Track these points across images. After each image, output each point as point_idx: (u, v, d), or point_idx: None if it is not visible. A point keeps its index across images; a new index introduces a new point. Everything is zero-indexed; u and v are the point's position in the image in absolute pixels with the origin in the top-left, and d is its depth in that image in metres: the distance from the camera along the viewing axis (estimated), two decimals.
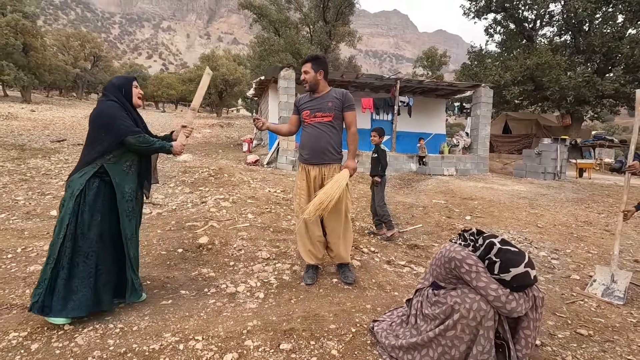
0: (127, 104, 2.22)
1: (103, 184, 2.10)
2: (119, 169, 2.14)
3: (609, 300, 2.72)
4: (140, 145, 2.15)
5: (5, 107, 22.46)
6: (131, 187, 2.20)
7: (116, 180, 2.12)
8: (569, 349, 2.07)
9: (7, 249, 3.17)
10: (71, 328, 2.01)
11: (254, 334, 2.03)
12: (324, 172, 2.76)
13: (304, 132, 2.83)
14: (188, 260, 3.11)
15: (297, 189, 2.84)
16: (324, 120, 2.72)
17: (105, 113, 2.12)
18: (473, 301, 1.63)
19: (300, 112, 2.81)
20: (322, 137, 2.72)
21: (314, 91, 2.76)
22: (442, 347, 1.68)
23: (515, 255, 1.63)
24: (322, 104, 2.71)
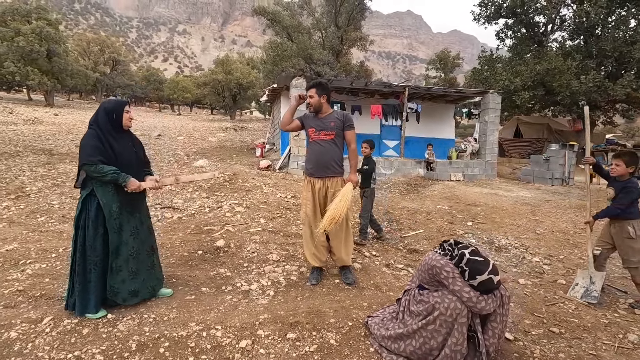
0: (110, 130, 2.45)
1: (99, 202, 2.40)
2: (105, 190, 2.40)
3: (585, 301, 2.98)
4: (92, 174, 2.33)
5: (30, 112, 23.55)
6: (117, 205, 2.44)
7: (103, 200, 2.38)
8: (539, 344, 2.36)
9: (51, 249, 3.62)
10: (113, 317, 2.41)
11: (265, 325, 2.39)
12: (327, 185, 3.10)
13: (309, 148, 3.18)
14: (207, 261, 3.50)
15: (303, 199, 3.17)
16: (327, 138, 3.06)
17: (81, 142, 2.40)
18: (450, 301, 1.95)
19: (306, 128, 3.15)
20: (326, 153, 3.06)
21: (317, 112, 3.10)
22: (423, 338, 2.00)
23: (480, 265, 1.93)
24: (326, 123, 3.06)
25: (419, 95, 12.11)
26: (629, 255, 3.01)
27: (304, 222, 3.18)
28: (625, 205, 2.98)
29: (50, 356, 2.00)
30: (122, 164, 2.45)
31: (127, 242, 2.51)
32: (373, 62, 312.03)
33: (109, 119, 2.47)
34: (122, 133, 2.55)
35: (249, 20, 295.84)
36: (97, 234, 2.40)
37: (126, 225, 2.51)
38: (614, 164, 3.11)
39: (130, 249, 2.53)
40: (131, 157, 2.57)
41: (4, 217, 4.61)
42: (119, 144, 2.49)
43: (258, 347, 2.15)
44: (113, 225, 2.43)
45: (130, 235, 2.53)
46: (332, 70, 21.96)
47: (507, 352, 2.24)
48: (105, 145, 2.41)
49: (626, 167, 3.04)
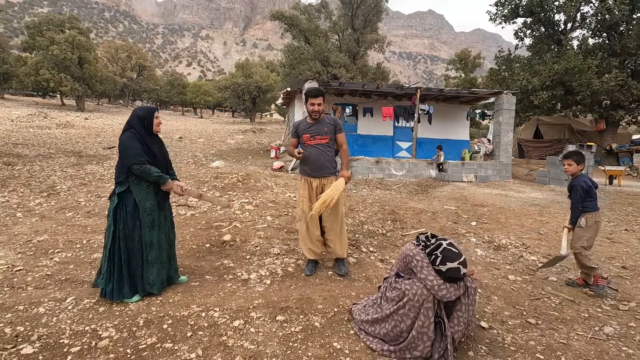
0: (144, 134, 2.70)
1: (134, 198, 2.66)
2: (140, 188, 2.66)
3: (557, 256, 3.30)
4: (140, 173, 2.61)
5: (63, 116, 24.94)
6: (151, 203, 2.71)
7: (138, 198, 2.64)
8: (513, 332, 2.50)
9: (75, 241, 4.02)
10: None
11: (258, 308, 2.65)
12: (323, 183, 3.36)
13: (305, 152, 3.36)
14: (213, 253, 3.79)
15: (300, 197, 3.43)
16: (322, 142, 3.32)
17: (122, 143, 2.63)
18: (418, 288, 2.14)
19: (300, 134, 3.38)
20: (322, 156, 3.33)
21: (316, 119, 3.35)
22: (394, 321, 2.20)
23: (453, 254, 2.11)
24: (320, 129, 3.32)
25: (432, 96, 12.13)
26: (575, 242, 3.28)
27: (300, 218, 3.41)
28: (577, 201, 3.20)
29: (71, 328, 2.33)
30: (156, 165, 2.73)
31: (158, 236, 2.79)
32: (394, 62, 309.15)
33: (142, 125, 2.72)
34: (153, 137, 2.81)
35: (270, 24, 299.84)
36: (135, 226, 2.67)
37: (157, 221, 2.78)
38: (566, 164, 3.32)
39: (161, 242, 2.81)
40: (162, 159, 2.85)
41: (37, 212, 5.09)
42: (152, 147, 2.76)
43: (249, 327, 2.41)
44: (146, 220, 2.69)
45: (160, 230, 2.81)
46: (349, 73, 22.15)
47: (479, 338, 2.40)
48: (144, 147, 2.68)
49: (577, 166, 3.26)
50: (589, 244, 3.27)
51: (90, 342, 2.18)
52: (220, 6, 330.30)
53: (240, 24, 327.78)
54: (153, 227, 2.75)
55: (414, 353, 2.11)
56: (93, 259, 3.54)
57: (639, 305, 3.04)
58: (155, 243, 2.76)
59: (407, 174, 10.35)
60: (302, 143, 3.37)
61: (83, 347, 2.13)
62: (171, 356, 2.08)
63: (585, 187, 3.18)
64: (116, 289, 2.64)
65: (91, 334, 2.26)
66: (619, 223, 6.01)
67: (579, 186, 3.18)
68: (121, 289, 2.66)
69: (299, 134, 3.39)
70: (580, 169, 3.27)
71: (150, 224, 2.73)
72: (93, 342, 2.18)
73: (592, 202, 3.22)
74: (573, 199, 3.24)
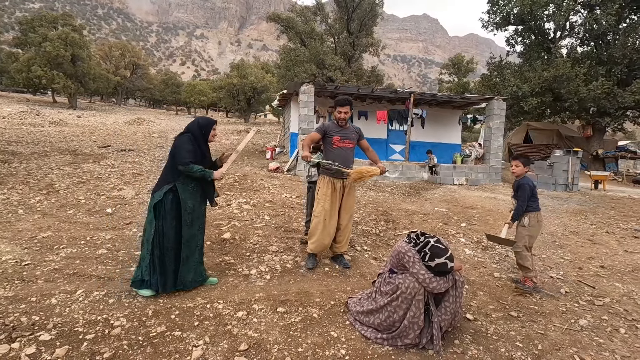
0: (200, 140, 2.90)
1: (176, 198, 2.80)
2: (185, 188, 2.82)
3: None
4: (186, 172, 2.77)
5: (56, 114, 24.77)
6: (194, 202, 2.86)
7: (182, 197, 2.80)
8: (496, 324, 2.71)
9: (79, 237, 4.14)
10: (133, 290, 2.87)
11: (259, 301, 2.82)
12: (345, 184, 3.61)
13: (330, 153, 3.57)
14: (214, 250, 3.95)
15: (321, 195, 3.54)
16: (349, 146, 3.64)
17: (176, 145, 2.83)
18: (410, 282, 2.33)
19: (330, 136, 3.57)
20: (349, 158, 3.63)
21: (342, 126, 3.60)
22: (387, 312, 2.39)
23: (440, 250, 2.31)
24: (349, 134, 3.62)
25: (425, 101, 12.41)
26: (518, 240, 3.46)
27: (319, 214, 3.51)
28: (523, 200, 3.38)
29: (84, 318, 2.47)
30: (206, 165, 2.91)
31: (195, 235, 2.92)
32: (388, 65, 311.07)
33: (200, 132, 2.91)
34: (206, 146, 2.99)
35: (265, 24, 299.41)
36: (173, 224, 2.79)
37: (196, 221, 2.93)
38: (513, 165, 3.52)
39: (197, 241, 2.95)
40: (210, 161, 3.03)
41: (38, 209, 5.18)
42: (205, 151, 2.96)
43: (252, 317, 2.58)
44: (187, 219, 2.82)
45: (198, 229, 2.96)
46: (344, 76, 22.40)
47: (464, 328, 2.60)
48: (197, 150, 2.86)
49: (524, 167, 3.48)
50: (530, 243, 3.49)
51: (104, 330, 2.33)
52: (215, 5, 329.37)
53: (235, 24, 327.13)
54: (193, 226, 2.89)
55: (405, 340, 2.30)
56: (98, 254, 3.67)
57: (612, 301, 3.28)
58: (193, 241, 2.90)
59: (400, 177, 10.58)
60: (331, 144, 3.56)
61: (97, 335, 2.28)
62: (180, 343, 2.24)
63: (531, 187, 3.40)
64: (161, 282, 2.75)
65: (104, 323, 2.41)
66: (601, 226, 6.29)
67: (527, 185, 3.39)
68: (164, 283, 2.76)
69: (326, 134, 3.57)
70: (526, 170, 3.49)
71: (190, 222, 2.86)
72: (106, 330, 2.33)
73: (535, 202, 3.45)
74: (520, 197, 3.40)
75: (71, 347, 2.15)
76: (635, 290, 3.58)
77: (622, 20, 13.42)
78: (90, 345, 2.18)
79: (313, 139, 3.60)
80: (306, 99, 10.10)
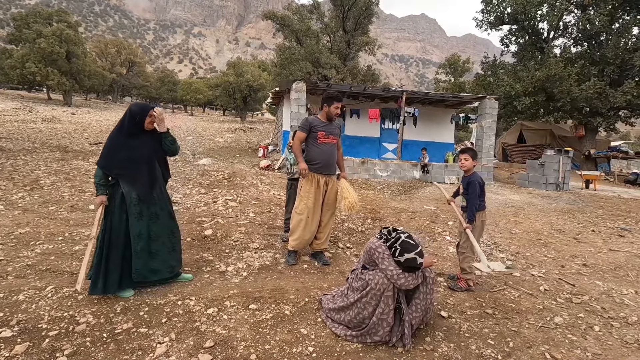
0: (132, 129, 2.72)
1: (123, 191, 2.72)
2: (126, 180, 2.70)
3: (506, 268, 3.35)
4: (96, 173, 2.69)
5: (49, 111, 24.58)
6: (137, 193, 2.70)
7: (125, 189, 2.68)
8: (470, 321, 2.68)
9: (58, 234, 4.08)
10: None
11: (232, 298, 2.78)
12: (329, 181, 3.59)
13: (315, 148, 3.49)
14: (194, 247, 3.91)
15: (304, 192, 3.46)
16: (333, 142, 3.58)
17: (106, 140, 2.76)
18: (380, 278, 2.30)
19: (315, 131, 3.48)
20: (333, 154, 3.58)
21: (331, 120, 3.57)
22: (357, 308, 2.36)
23: (410, 246, 2.28)
24: (333, 129, 3.57)
25: (418, 99, 12.39)
26: (463, 241, 3.31)
27: (302, 212, 3.45)
28: (474, 198, 3.20)
29: (49, 314, 2.43)
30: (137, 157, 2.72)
31: (148, 226, 2.76)
32: (386, 65, 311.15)
33: (133, 121, 2.72)
34: (144, 133, 2.78)
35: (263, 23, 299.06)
36: (122, 219, 2.67)
37: (146, 211, 2.76)
38: (462, 159, 3.32)
39: (151, 233, 2.79)
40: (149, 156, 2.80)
41: (19, 205, 5.12)
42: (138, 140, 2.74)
43: (222, 314, 2.54)
44: (133, 211, 2.70)
45: (150, 219, 2.78)
46: (339, 74, 22.35)
47: (437, 325, 2.57)
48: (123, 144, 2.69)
49: (472, 161, 3.31)
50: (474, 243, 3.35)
51: (68, 327, 2.28)
52: (213, 3, 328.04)
53: (233, 22, 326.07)
54: (141, 217, 2.74)
55: (374, 338, 2.27)
56: (74, 250, 3.62)
57: (591, 299, 3.27)
58: (145, 233, 2.75)
59: (391, 175, 10.56)
60: (316, 139, 3.49)
61: (61, 331, 2.24)
62: (145, 339, 2.20)
63: (480, 184, 3.27)
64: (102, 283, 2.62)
65: (69, 320, 2.37)
66: (588, 224, 6.30)
67: (477, 182, 3.23)
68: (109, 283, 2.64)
69: (311, 130, 3.49)
70: (474, 164, 3.33)
71: (138, 214, 2.72)
72: (71, 326, 2.29)
73: (481, 202, 3.30)
74: (471, 196, 3.21)
75: (32, 343, 2.10)
76: (615, 288, 3.57)
77: (615, 21, 13.45)
78: (52, 342, 2.13)
79: (302, 140, 3.52)
80: (298, 96, 10.06)
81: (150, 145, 2.85)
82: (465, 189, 3.32)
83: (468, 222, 3.22)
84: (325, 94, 3.59)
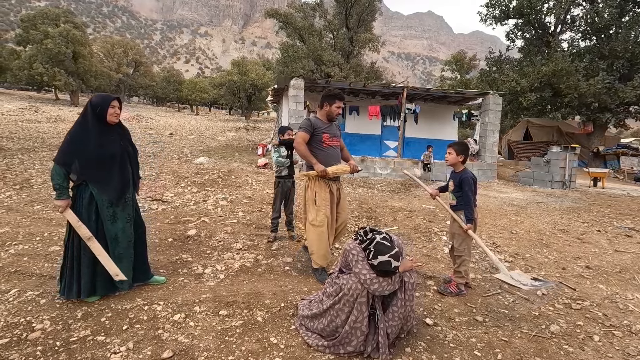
0: (94, 122, 2.51)
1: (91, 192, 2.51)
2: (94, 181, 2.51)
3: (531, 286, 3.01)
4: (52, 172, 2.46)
5: (55, 111, 24.76)
6: (109, 198, 2.54)
7: (95, 191, 2.51)
8: (458, 329, 2.48)
9: (37, 233, 3.97)
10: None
11: (204, 302, 2.61)
12: (338, 187, 3.33)
13: (321, 152, 3.19)
14: (174, 247, 3.76)
15: (321, 201, 3.12)
16: (337, 144, 3.35)
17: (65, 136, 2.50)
18: (353, 283, 2.11)
19: (319, 134, 3.20)
20: (339, 158, 3.34)
21: (332, 120, 3.33)
22: (330, 316, 2.18)
23: (385, 248, 2.09)
24: (335, 131, 3.33)
25: (420, 96, 12.13)
26: (459, 244, 3.09)
27: (322, 223, 3.10)
28: (471, 194, 3.00)
29: (6, 320, 2.29)
30: (103, 156, 2.54)
31: (124, 229, 2.62)
32: (392, 63, 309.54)
33: (94, 113, 2.53)
34: (108, 127, 2.59)
35: (269, 21, 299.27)
36: (90, 220, 2.50)
37: (121, 213, 2.61)
38: (447, 152, 3.13)
39: (128, 235, 2.65)
40: (115, 151, 2.61)
41: (5, 204, 5.03)
42: (103, 137, 2.54)
43: (189, 320, 2.38)
44: (107, 214, 2.53)
45: (126, 222, 2.64)
46: (342, 72, 22.10)
47: (421, 334, 2.38)
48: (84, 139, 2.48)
49: (457, 156, 3.08)
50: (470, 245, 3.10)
51: (22, 334, 2.14)
52: (219, 3, 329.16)
53: (239, 21, 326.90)
54: (115, 220, 2.58)
55: (347, 348, 2.09)
56: (50, 251, 3.50)
57: (592, 304, 3.04)
58: (122, 236, 2.61)
59: (392, 173, 10.34)
60: (321, 142, 3.22)
61: (12, 339, 2.09)
62: (100, 348, 2.04)
63: (474, 180, 3.05)
64: (68, 288, 2.52)
65: (25, 326, 2.22)
66: (594, 224, 6.02)
67: (470, 178, 3.02)
68: (76, 288, 2.51)
69: (315, 132, 3.20)
70: (460, 160, 3.09)
71: (112, 216, 2.56)
72: (24, 333, 2.15)
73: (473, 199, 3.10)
74: (467, 192, 3.01)
75: None
76: (619, 292, 3.33)
77: (625, 13, 13.01)
78: (1, 350, 1.99)
79: (306, 141, 3.19)
80: (295, 93, 9.88)
81: (118, 143, 2.67)
82: (458, 185, 3.11)
83: (468, 222, 3.01)
84: (325, 92, 3.29)
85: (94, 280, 2.56)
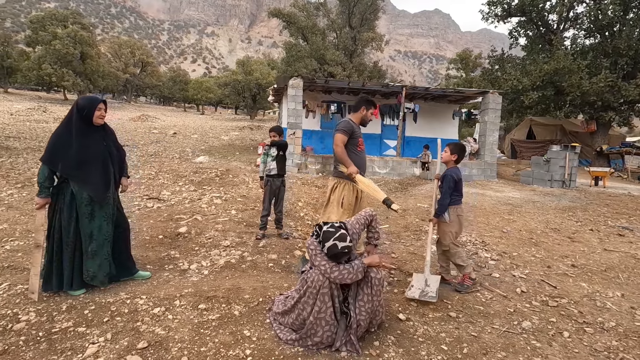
0: (80, 124, 2.61)
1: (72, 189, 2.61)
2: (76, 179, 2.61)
3: (426, 300, 2.84)
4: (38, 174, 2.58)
5: (64, 111, 25.17)
6: (89, 193, 2.62)
7: (75, 188, 2.60)
8: (429, 324, 2.54)
9: (33, 231, 4.09)
10: None
11: (185, 297, 2.71)
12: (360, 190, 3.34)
13: (355, 156, 3.23)
14: (164, 244, 3.86)
15: (348, 205, 3.20)
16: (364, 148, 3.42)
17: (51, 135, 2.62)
18: (315, 275, 2.19)
19: (356, 138, 3.28)
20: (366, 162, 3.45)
21: (364, 125, 3.41)
22: (298, 309, 2.25)
23: (329, 234, 2.17)
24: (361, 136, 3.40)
25: (420, 95, 12.12)
26: (443, 238, 3.21)
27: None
28: (446, 192, 3.11)
29: None
30: (86, 156, 2.63)
31: (100, 227, 2.69)
32: (399, 62, 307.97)
33: (80, 115, 2.61)
34: (94, 128, 2.68)
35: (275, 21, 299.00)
36: (71, 217, 2.60)
37: (99, 212, 2.68)
38: (444, 150, 3.30)
39: (105, 233, 2.71)
40: (97, 150, 2.71)
41: (5, 202, 5.19)
42: (88, 138, 2.64)
43: (168, 314, 2.47)
44: (84, 211, 2.62)
45: (104, 220, 2.71)
46: (345, 71, 22.12)
47: (391, 329, 2.44)
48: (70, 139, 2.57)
49: (450, 154, 3.22)
50: (455, 238, 3.22)
51: (7, 325, 2.25)
52: (225, 3, 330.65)
53: (245, 21, 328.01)
54: (92, 218, 2.68)
55: (314, 339, 2.16)
56: (43, 247, 3.62)
57: (570, 302, 3.07)
58: (98, 234, 2.69)
59: (390, 172, 10.37)
60: (356, 145, 3.28)
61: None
62: (80, 339, 2.15)
63: (455, 179, 3.14)
64: (56, 281, 2.63)
65: (11, 317, 2.34)
66: (587, 223, 6.01)
67: (450, 176, 3.12)
68: (61, 281, 2.63)
69: (352, 135, 3.24)
70: (453, 159, 3.22)
71: (89, 214, 2.66)
72: (10, 324, 2.26)
73: (457, 197, 3.19)
74: (443, 190, 3.14)
75: None
76: (600, 290, 3.36)
77: (629, 11, 12.85)
78: None
79: (345, 143, 3.20)
80: (294, 92, 9.96)
81: (101, 143, 2.77)
82: (441, 181, 3.25)
83: (434, 215, 3.17)
84: (364, 97, 3.40)
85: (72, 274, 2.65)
